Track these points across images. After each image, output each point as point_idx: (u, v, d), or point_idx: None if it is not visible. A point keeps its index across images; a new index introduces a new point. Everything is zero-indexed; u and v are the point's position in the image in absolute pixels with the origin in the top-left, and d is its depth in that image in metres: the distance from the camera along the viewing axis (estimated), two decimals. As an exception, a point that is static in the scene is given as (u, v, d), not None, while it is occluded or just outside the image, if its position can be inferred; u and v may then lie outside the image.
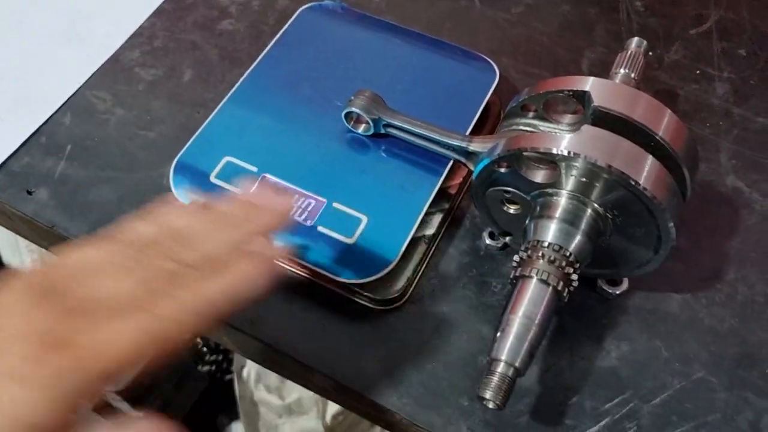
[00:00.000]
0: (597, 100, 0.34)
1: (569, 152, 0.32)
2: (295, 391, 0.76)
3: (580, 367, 0.38)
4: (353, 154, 0.42)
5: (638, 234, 0.35)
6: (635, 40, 0.42)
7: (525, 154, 0.34)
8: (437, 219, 0.41)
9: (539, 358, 0.38)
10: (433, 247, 0.42)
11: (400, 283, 0.39)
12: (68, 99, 0.48)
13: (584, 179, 0.34)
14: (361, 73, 0.46)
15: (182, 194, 0.41)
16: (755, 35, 0.51)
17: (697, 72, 0.50)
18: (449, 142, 0.40)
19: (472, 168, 0.40)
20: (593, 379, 0.38)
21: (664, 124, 0.35)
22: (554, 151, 0.33)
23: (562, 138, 0.33)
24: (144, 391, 0.70)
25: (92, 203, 0.44)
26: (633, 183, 0.32)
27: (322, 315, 0.40)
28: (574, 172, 0.34)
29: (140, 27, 0.52)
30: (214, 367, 0.82)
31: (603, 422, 0.36)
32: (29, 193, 0.44)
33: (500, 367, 0.32)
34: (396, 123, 0.41)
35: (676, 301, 0.40)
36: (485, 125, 0.45)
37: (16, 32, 0.52)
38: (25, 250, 0.91)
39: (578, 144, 0.33)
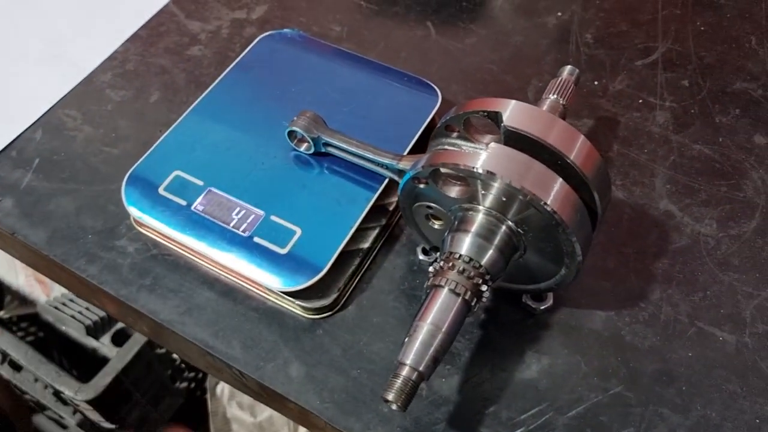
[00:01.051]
0: (509, 121, 0.36)
1: (475, 169, 0.34)
2: (267, 410, 0.77)
3: (501, 378, 0.39)
4: (294, 171, 0.45)
5: (548, 250, 0.37)
6: (567, 68, 0.45)
7: (441, 170, 0.36)
8: (374, 234, 0.43)
9: (460, 368, 0.40)
10: (368, 261, 0.44)
11: (332, 293, 0.41)
12: (41, 116, 0.51)
13: (496, 196, 0.36)
14: (311, 95, 0.48)
15: (133, 205, 0.43)
16: (700, 66, 0.53)
17: (640, 101, 0.51)
18: (381, 160, 0.42)
19: None
20: (511, 391, 0.39)
21: (576, 148, 0.36)
22: (461, 167, 0.35)
23: (475, 155, 0.35)
24: (120, 402, 0.71)
25: (53, 213, 0.46)
26: (539, 203, 0.34)
27: (256, 322, 0.41)
28: (486, 189, 0.36)
29: (115, 51, 0.55)
30: (193, 384, 0.84)
31: (517, 432, 0.38)
32: (-4, 201, 0.47)
33: (405, 371, 0.34)
34: (334, 142, 0.43)
35: (600, 318, 0.41)
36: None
37: None
38: (20, 266, 0.95)
39: (489, 162, 0.34)
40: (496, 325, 0.41)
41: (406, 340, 0.35)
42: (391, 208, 0.45)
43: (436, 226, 0.40)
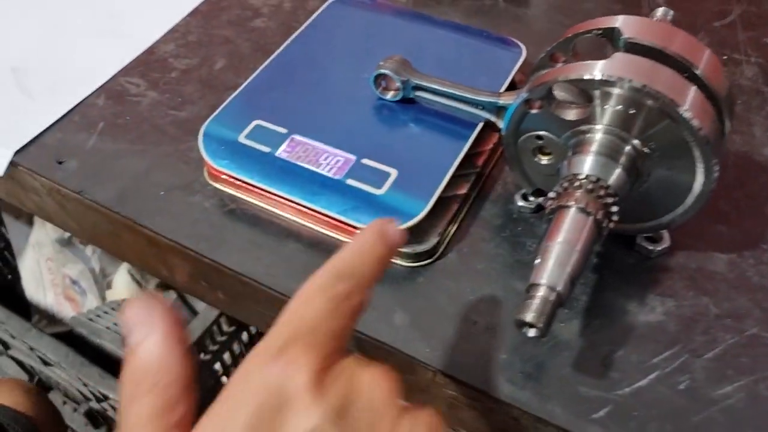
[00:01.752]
0: (628, 34, 0.34)
1: (605, 76, 0.32)
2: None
3: (624, 322, 0.36)
4: (383, 118, 0.42)
5: (674, 174, 0.34)
6: (661, 9, 0.43)
7: (558, 86, 0.34)
8: (469, 181, 0.41)
9: (579, 312, 0.36)
10: (465, 208, 0.41)
11: (432, 238, 0.38)
12: (102, 84, 0.49)
13: (620, 109, 0.33)
14: (389, 52, 0.46)
15: (211, 156, 0.41)
16: (780, 26, 0.52)
17: (725, 57, 0.50)
18: (479, 98, 0.40)
19: (501, 125, 0.40)
20: (638, 334, 0.35)
21: (703, 59, 0.34)
22: (586, 77, 0.32)
23: (595, 65, 0.33)
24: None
25: (121, 173, 0.44)
26: (676, 109, 0.31)
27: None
28: (609, 102, 0.33)
29: (176, 24, 0.54)
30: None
31: (653, 375, 0.34)
32: (59, 163, 0.44)
33: (542, 291, 0.30)
34: (425, 84, 0.41)
35: (721, 260, 0.38)
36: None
37: (57, 28, 0.54)
38: (49, 284, 0.91)
39: (614, 68, 0.32)
40: (611, 270, 0.38)
41: (537, 261, 0.32)
42: (484, 156, 0.42)
43: (544, 162, 0.38)
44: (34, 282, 0.87)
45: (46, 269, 0.89)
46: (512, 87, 0.45)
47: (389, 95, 0.42)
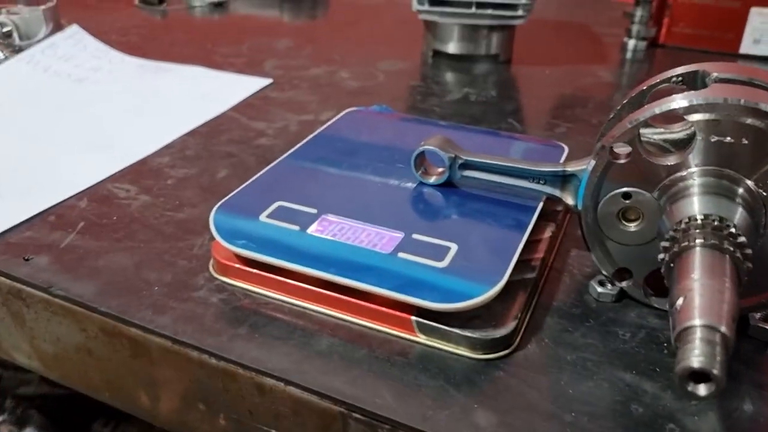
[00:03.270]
0: (715, 72, 0.31)
1: (710, 100, 0.28)
2: None
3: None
4: (425, 202, 0.37)
5: (803, 216, 0.29)
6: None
7: (654, 116, 0.29)
8: (533, 267, 0.34)
9: (710, 402, 0.28)
10: (536, 296, 0.34)
11: (509, 322, 0.30)
12: (86, 189, 0.42)
13: (727, 141, 0.29)
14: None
15: (225, 237, 0.33)
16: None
17: None
18: (542, 170, 0.35)
19: (568, 200, 0.35)
20: (796, 427, 0.27)
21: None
22: (687, 104, 0.28)
23: (694, 93, 0.29)
24: None
25: (104, 268, 0.35)
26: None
27: (406, 367, 0.29)
28: (712, 135, 0.29)
29: (172, 141, 0.49)
30: None
31: (837, 476, 0.25)
32: (26, 260, 0.35)
33: (698, 333, 0.23)
34: (477, 161, 0.36)
35: None
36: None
37: (40, 138, 0.48)
38: None
39: (717, 92, 0.28)
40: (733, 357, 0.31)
41: (679, 303, 0.24)
42: (544, 245, 0.36)
43: (632, 228, 0.32)
44: None
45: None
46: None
47: (432, 179, 0.37)
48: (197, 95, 0.57)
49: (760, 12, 0.69)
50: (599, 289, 0.34)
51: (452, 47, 0.67)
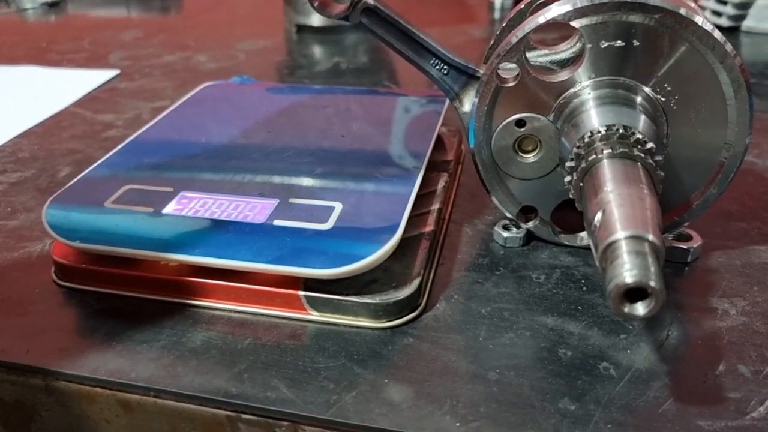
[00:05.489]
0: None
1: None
2: None
3: (703, 334, 0.25)
4: (302, 164, 0.32)
5: (704, 122, 0.27)
6: None
7: (539, 27, 0.26)
8: (429, 220, 0.30)
9: (639, 335, 0.25)
10: (438, 249, 0.30)
11: (412, 282, 0.26)
12: None
13: (621, 46, 0.26)
14: (291, 117, 0.38)
15: (63, 233, 0.27)
16: None
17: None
18: (452, 57, 0.29)
19: (464, 106, 0.30)
20: (729, 342, 0.25)
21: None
22: (575, 6, 0.26)
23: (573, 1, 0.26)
24: None
25: None
26: (693, 19, 0.25)
27: (299, 351, 0.25)
28: (603, 41, 0.26)
29: (1, 145, 0.42)
30: None
31: (781, 386, 0.23)
32: None
33: (625, 246, 0.20)
34: (384, 10, 0.29)
35: (763, 251, 0.30)
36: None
37: None
38: None
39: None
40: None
41: (596, 223, 0.21)
42: (439, 196, 0.32)
43: (530, 159, 0.29)
44: None
45: None
46: (439, 142, 0.37)
47: (328, 11, 0.30)
48: (29, 96, 0.49)
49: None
50: (505, 234, 0.31)
51: (317, 20, 0.63)
